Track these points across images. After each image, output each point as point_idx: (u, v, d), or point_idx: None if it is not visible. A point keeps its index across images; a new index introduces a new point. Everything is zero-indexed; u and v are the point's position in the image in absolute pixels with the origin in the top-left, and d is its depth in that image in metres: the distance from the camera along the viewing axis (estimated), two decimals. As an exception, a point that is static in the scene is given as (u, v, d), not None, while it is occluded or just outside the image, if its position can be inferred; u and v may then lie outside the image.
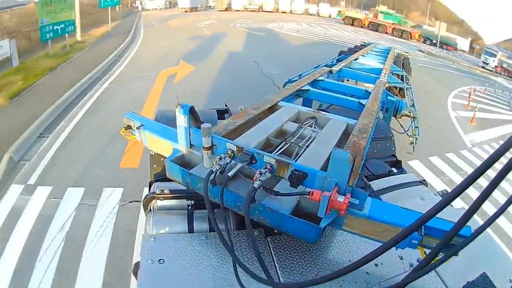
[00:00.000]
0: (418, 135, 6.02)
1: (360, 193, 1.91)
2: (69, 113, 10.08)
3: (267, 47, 22.32)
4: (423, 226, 1.80)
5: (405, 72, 9.61)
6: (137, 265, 2.18)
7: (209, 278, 1.99)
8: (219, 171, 2.07)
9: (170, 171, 2.39)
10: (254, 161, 2.16)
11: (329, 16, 50.30)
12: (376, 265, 2.19)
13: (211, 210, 2.02)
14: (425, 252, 1.91)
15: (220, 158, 2.14)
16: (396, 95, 7.09)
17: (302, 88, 4.72)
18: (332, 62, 8.62)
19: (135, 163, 7.39)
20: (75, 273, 4.75)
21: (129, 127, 2.82)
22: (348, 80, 7.59)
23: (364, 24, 42.09)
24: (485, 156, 8.29)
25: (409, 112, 5.94)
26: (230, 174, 2.03)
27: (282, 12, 50.30)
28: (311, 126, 3.16)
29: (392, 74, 7.97)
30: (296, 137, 2.88)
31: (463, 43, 39.83)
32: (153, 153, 3.56)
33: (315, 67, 7.72)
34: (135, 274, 2.27)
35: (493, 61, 31.00)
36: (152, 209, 2.64)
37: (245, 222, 1.87)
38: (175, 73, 14.54)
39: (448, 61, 28.25)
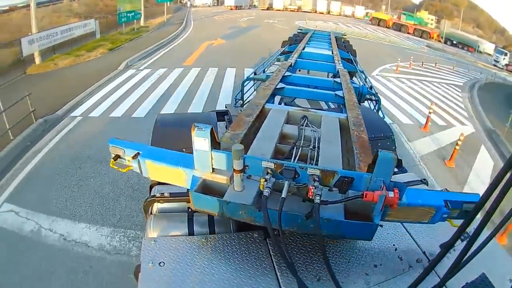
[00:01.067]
0: (383, 117, 6.37)
1: (400, 185, 2.08)
2: (151, 56, 19.04)
3: (281, 35, 29.68)
4: (448, 202, 2.18)
5: (352, 56, 10.17)
6: (137, 268, 2.26)
7: (209, 280, 2.07)
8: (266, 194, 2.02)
9: (197, 202, 2.27)
10: (296, 176, 2.13)
11: (364, 18, 55.12)
12: (375, 266, 2.28)
13: (277, 239, 2.01)
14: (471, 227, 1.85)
15: (266, 180, 2.08)
16: None
17: (278, 87, 4.88)
18: (279, 54, 9.05)
19: (190, 63, 17.17)
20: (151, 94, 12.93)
21: (118, 157, 2.52)
22: (299, 71, 8.11)
23: (388, 25, 47.63)
24: (380, 79, 15.49)
25: (371, 95, 6.35)
26: (284, 195, 2.01)
27: (320, 13, 55.38)
28: (309, 126, 3.36)
29: (342, 59, 8.33)
30: (302, 140, 3.03)
31: (489, 47, 43.81)
32: None
33: (265, 62, 8.31)
34: (136, 277, 2.30)
35: (503, 59, 36.06)
36: (152, 212, 2.75)
37: (320, 241, 1.99)
38: (212, 43, 23.42)
39: (449, 54, 33.81)
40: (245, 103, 6.75)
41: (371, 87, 6.87)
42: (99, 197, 6.70)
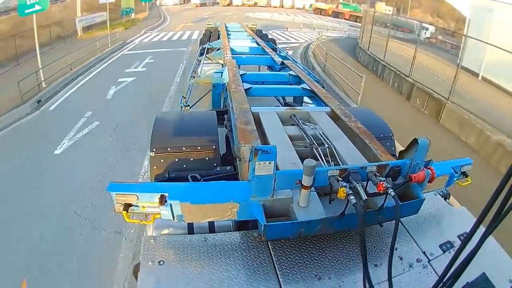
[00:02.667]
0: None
1: (429, 163, 2.54)
2: (153, 30, 36.99)
3: (231, 20, 45.54)
4: (453, 168, 2.92)
5: (274, 45, 11.06)
6: (137, 266, 2.40)
7: (209, 279, 2.19)
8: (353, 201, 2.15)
9: (271, 233, 2.27)
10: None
11: (309, 9, 65.10)
12: (375, 265, 2.42)
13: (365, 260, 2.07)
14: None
15: (345, 187, 2.21)
16: None
17: (246, 88, 5.16)
18: (203, 52, 9.45)
19: (177, 31, 35.50)
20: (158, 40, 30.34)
21: (129, 206, 2.29)
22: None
23: (328, 13, 58.57)
24: (271, 33, 33.75)
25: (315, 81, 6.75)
26: (364, 197, 2.19)
27: (274, 7, 66.66)
28: (307, 125, 3.73)
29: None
30: (312, 139, 3.34)
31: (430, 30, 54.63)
32: (153, 155, 3.45)
33: (195, 62, 9.04)
34: (136, 275, 2.42)
35: (425, 33, 46.39)
36: None
37: (395, 228, 2.10)
38: (185, 25, 41.01)
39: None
40: (192, 106, 7.01)
41: (309, 73, 7.64)
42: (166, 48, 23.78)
